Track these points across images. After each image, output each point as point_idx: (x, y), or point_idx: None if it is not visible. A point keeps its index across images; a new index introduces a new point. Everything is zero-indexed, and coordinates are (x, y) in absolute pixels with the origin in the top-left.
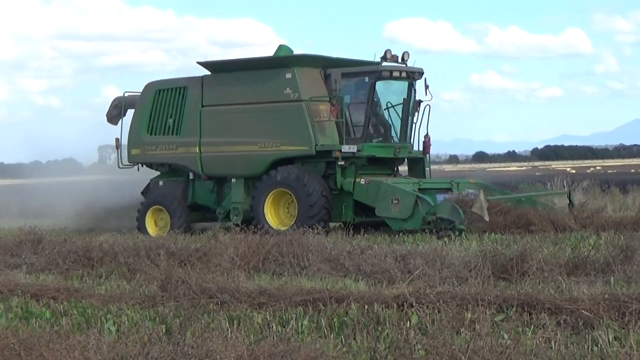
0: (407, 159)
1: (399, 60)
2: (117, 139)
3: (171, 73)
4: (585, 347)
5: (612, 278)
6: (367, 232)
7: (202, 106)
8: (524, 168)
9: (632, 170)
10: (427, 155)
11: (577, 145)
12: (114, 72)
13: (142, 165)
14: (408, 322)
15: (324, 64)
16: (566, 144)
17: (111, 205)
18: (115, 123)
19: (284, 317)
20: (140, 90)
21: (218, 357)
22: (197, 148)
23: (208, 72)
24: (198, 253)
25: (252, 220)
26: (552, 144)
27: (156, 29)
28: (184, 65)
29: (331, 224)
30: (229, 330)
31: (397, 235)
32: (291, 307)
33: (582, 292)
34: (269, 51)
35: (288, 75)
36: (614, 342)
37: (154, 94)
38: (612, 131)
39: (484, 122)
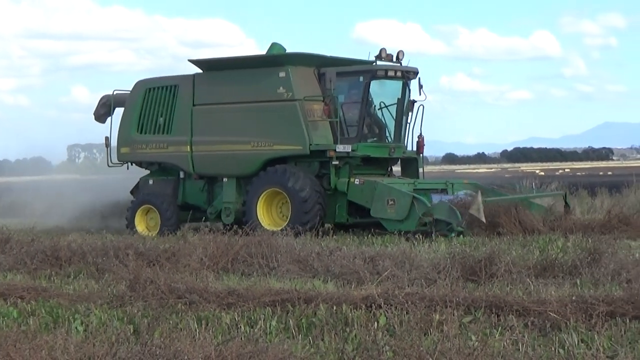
0: (401, 159)
1: (394, 59)
2: (106, 138)
3: (140, 73)
4: (553, 349)
5: (580, 280)
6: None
7: (194, 105)
8: (493, 170)
9: (601, 173)
10: (421, 155)
11: (546, 148)
12: (83, 71)
13: (132, 164)
14: (376, 323)
15: (317, 63)
16: (535, 146)
17: (81, 205)
18: (103, 121)
19: (252, 318)
20: (124, 89)
21: (186, 357)
22: (188, 147)
23: (200, 70)
24: (167, 253)
25: (243, 220)
26: (521, 146)
27: (125, 28)
28: (154, 65)
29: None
30: (197, 330)
31: (366, 237)
32: (259, 308)
33: (549, 294)
34: (239, 52)
35: (282, 74)
36: (581, 344)
37: (144, 92)
38: (581, 134)
39: (453, 124)
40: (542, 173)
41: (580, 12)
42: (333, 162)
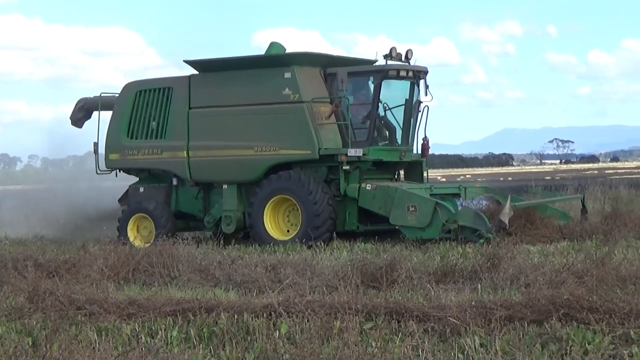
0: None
1: (403, 58)
2: (95, 143)
3: (40, 82)
4: (452, 354)
5: (480, 285)
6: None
7: (190, 108)
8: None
9: (501, 179)
10: (426, 158)
11: (447, 154)
12: None
13: (120, 171)
14: (277, 331)
15: (323, 63)
16: (437, 152)
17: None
18: (80, 126)
19: (153, 328)
20: (113, 92)
21: None
22: (184, 152)
23: (195, 72)
24: (67, 264)
25: (245, 229)
26: None
27: (24, 37)
28: (52, 74)
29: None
30: (97, 341)
31: (268, 245)
32: (160, 318)
33: (449, 300)
34: (139, 60)
35: (287, 75)
36: (480, 349)
37: (134, 95)
38: (481, 140)
39: None
40: (444, 179)
41: (478, 19)
42: (344, 167)
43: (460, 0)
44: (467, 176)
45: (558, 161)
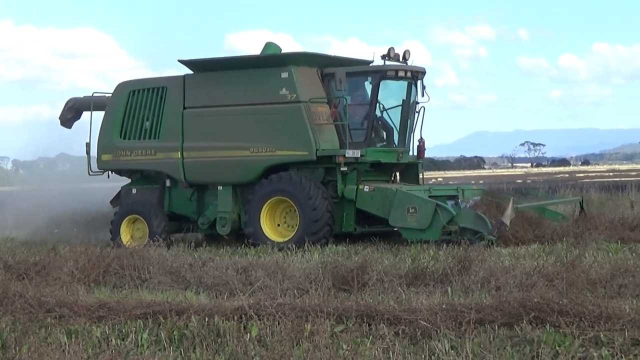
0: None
1: (400, 59)
2: (87, 144)
3: (10, 83)
4: (423, 356)
5: (450, 288)
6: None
7: (185, 108)
8: None
9: (473, 182)
10: (422, 160)
11: None
12: None
13: (112, 172)
14: (248, 334)
15: (321, 63)
16: None
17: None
18: (69, 126)
19: (124, 331)
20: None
21: None
22: (179, 153)
23: (190, 71)
24: (37, 266)
25: (240, 230)
26: None
27: None
28: (23, 75)
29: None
30: (67, 344)
31: (239, 247)
32: (131, 321)
33: (420, 303)
34: (112, 62)
35: (284, 75)
36: (451, 352)
37: (127, 94)
38: (452, 143)
39: None
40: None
41: (450, 23)
42: (341, 169)
43: (432, 4)
44: (438, 179)
45: (529, 164)
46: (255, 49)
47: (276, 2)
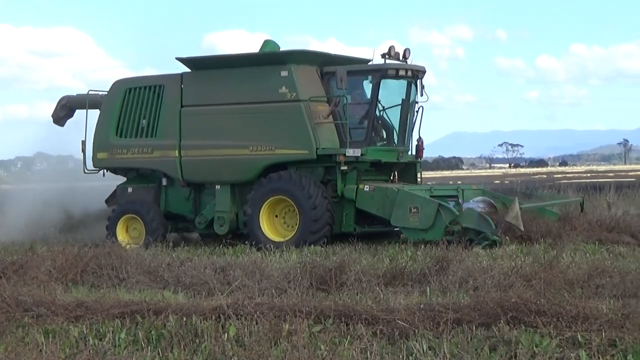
0: (397, 164)
1: (400, 57)
2: (82, 142)
3: None
4: (401, 356)
5: (428, 288)
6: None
7: (182, 106)
8: None
9: (451, 182)
10: (420, 159)
11: None
12: None
13: (107, 171)
14: (226, 334)
15: (320, 61)
16: None
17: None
18: (62, 124)
19: (101, 330)
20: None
21: None
22: (176, 152)
23: (187, 69)
24: (14, 266)
25: (238, 230)
26: None
27: None
28: (0, 74)
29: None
30: (44, 344)
31: (217, 247)
32: (108, 320)
33: (398, 303)
34: (90, 61)
35: (284, 73)
36: (428, 352)
37: (123, 92)
38: (431, 144)
39: None
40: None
41: (428, 23)
42: (342, 168)
43: (411, 4)
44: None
45: (507, 165)
46: (234, 49)
47: (254, 2)
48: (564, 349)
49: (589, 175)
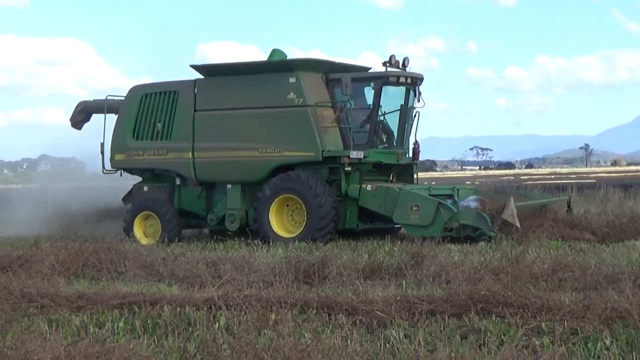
0: (395, 166)
1: (400, 65)
2: (101, 144)
3: None
4: (379, 344)
5: (404, 281)
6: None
7: (196, 110)
8: None
9: (425, 183)
10: (417, 162)
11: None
12: None
13: (124, 171)
14: (217, 323)
15: (325, 69)
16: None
17: None
18: (79, 128)
19: (101, 320)
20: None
21: (36, 357)
22: (190, 153)
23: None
24: (20, 260)
25: (247, 226)
26: None
27: None
28: (6, 82)
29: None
30: (48, 332)
31: (209, 243)
32: (108, 310)
33: (376, 295)
34: (90, 69)
35: (292, 80)
36: (404, 340)
37: (140, 98)
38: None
39: None
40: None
41: (404, 35)
42: (346, 168)
43: (388, 18)
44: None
45: (478, 167)
46: (225, 59)
47: (243, 16)
48: (530, 337)
49: (553, 176)
